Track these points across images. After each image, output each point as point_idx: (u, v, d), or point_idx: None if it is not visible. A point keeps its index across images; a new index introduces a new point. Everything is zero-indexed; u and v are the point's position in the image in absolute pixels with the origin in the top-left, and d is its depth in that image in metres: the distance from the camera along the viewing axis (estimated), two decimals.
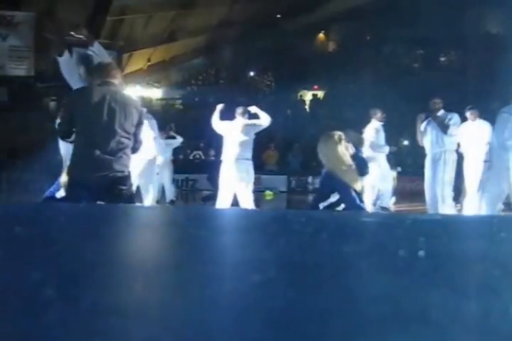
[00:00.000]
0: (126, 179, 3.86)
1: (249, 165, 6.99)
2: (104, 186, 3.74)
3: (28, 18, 16.05)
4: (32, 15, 15.99)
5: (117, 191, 3.76)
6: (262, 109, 7.32)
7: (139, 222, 1.91)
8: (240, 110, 7.07)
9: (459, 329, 0.60)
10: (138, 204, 5.82)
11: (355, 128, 9.13)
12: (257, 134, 7.18)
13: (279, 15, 20.82)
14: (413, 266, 0.96)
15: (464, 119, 7.58)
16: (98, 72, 3.98)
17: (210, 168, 9.66)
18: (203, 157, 15.93)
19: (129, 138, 3.84)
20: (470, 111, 7.64)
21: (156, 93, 19.57)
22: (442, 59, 20.16)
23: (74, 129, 3.88)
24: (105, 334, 0.55)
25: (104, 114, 3.78)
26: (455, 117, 7.04)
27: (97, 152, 3.73)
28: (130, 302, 0.69)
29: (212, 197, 9.74)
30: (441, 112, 7.14)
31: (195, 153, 16.25)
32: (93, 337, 0.54)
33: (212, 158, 12.39)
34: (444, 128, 6.97)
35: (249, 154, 6.99)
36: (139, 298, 0.71)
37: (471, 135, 7.48)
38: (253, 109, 7.11)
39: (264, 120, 7.00)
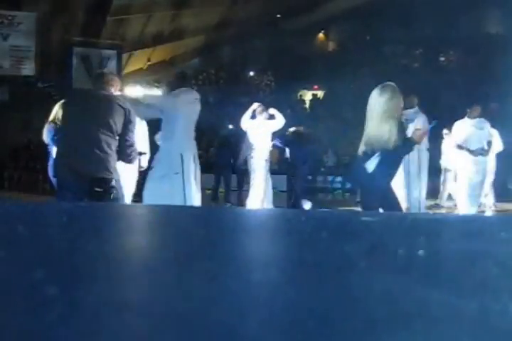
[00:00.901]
0: (107, 181, 3.69)
1: (261, 164, 7.15)
2: (85, 187, 3.62)
3: (29, 17, 16.06)
4: (33, 15, 16.00)
5: (95, 193, 3.61)
6: None
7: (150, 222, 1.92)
8: (259, 108, 7.25)
9: (458, 328, 0.60)
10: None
11: (355, 128, 9.15)
12: None
13: (278, 15, 20.81)
14: (414, 266, 0.97)
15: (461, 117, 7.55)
16: (95, 79, 4.06)
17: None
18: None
19: (113, 138, 3.70)
20: (473, 107, 7.45)
21: (156, 93, 19.55)
22: (442, 59, 20.13)
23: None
24: (106, 332, 0.55)
25: (85, 112, 3.70)
26: (417, 117, 7.06)
27: (77, 152, 3.66)
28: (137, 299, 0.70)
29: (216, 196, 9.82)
30: (410, 110, 7.16)
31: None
32: (94, 335, 0.54)
33: None
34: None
35: (260, 153, 7.14)
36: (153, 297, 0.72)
37: (470, 133, 7.38)
38: (271, 110, 7.31)
39: (279, 121, 7.24)
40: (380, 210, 4.17)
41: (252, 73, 21.71)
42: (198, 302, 0.68)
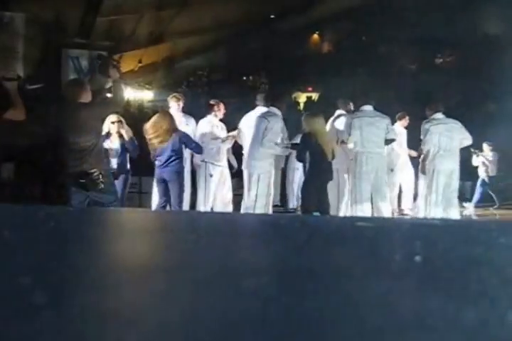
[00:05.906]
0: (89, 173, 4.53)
1: None
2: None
3: (18, 18, 15.81)
4: (21, 15, 15.77)
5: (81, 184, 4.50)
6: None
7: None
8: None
9: (456, 336, 0.59)
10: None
11: None
12: None
13: (272, 16, 20.63)
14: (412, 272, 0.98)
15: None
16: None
17: None
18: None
19: (93, 136, 4.67)
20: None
21: (147, 95, 19.29)
22: (439, 60, 19.99)
23: None
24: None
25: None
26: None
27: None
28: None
29: None
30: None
31: None
32: None
33: None
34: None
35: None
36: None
37: None
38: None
39: None
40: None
41: (245, 75, 21.55)
42: None
